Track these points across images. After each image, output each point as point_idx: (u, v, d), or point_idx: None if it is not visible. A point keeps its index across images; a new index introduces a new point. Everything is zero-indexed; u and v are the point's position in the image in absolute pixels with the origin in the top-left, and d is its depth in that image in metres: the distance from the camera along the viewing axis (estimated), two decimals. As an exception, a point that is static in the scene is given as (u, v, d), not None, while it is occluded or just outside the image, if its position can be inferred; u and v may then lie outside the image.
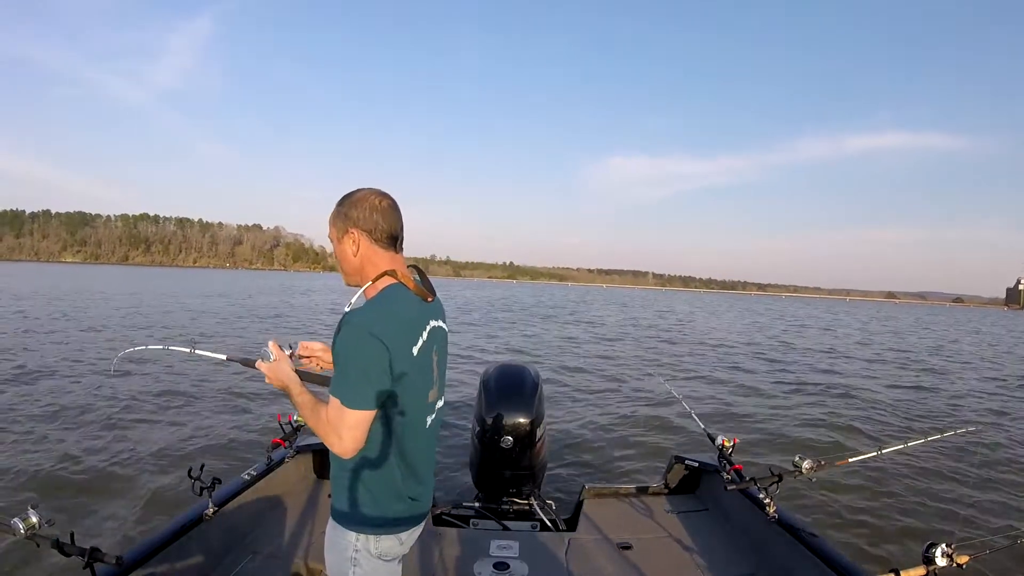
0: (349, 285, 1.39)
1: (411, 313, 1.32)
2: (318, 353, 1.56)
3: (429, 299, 1.38)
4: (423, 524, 1.49)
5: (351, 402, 1.23)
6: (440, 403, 1.45)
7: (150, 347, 1.97)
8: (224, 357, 1.78)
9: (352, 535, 1.35)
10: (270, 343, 1.44)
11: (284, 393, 1.39)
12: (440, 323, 1.44)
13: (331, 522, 1.41)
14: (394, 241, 1.35)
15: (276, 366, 1.40)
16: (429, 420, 1.39)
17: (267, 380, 1.42)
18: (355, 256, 1.34)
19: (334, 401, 1.25)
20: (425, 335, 1.33)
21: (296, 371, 1.42)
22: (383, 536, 1.36)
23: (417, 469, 1.38)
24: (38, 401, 6.33)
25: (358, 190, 1.36)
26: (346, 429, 1.24)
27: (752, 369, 11.92)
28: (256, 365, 1.45)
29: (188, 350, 1.88)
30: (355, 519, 1.35)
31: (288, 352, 1.47)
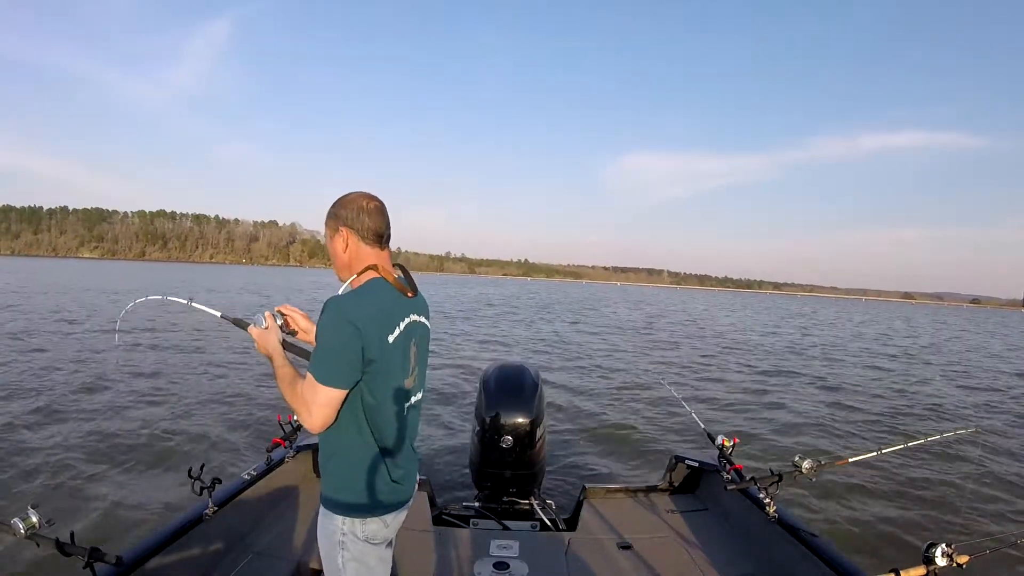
0: (341, 280, 1.48)
1: (389, 305, 1.41)
2: (296, 315, 1.64)
3: (410, 295, 1.47)
4: (407, 508, 1.55)
5: (324, 379, 1.32)
6: (419, 394, 1.54)
7: (150, 297, 1.92)
8: (219, 314, 1.79)
9: (339, 519, 1.42)
10: (266, 313, 1.54)
11: (267, 359, 1.49)
12: (421, 319, 1.52)
13: (321, 508, 1.47)
14: (379, 239, 1.46)
15: (266, 334, 1.50)
16: (407, 407, 1.48)
17: (256, 345, 1.51)
18: (344, 252, 1.45)
19: (310, 377, 1.35)
20: (402, 326, 1.42)
21: (283, 341, 1.52)
22: (368, 519, 1.43)
23: (396, 453, 1.46)
24: (38, 402, 6.33)
25: (349, 193, 1.48)
26: (316, 406, 1.33)
27: (753, 369, 11.92)
28: (248, 329, 1.55)
29: (186, 301, 1.89)
30: (341, 503, 1.42)
31: (280, 323, 1.55)
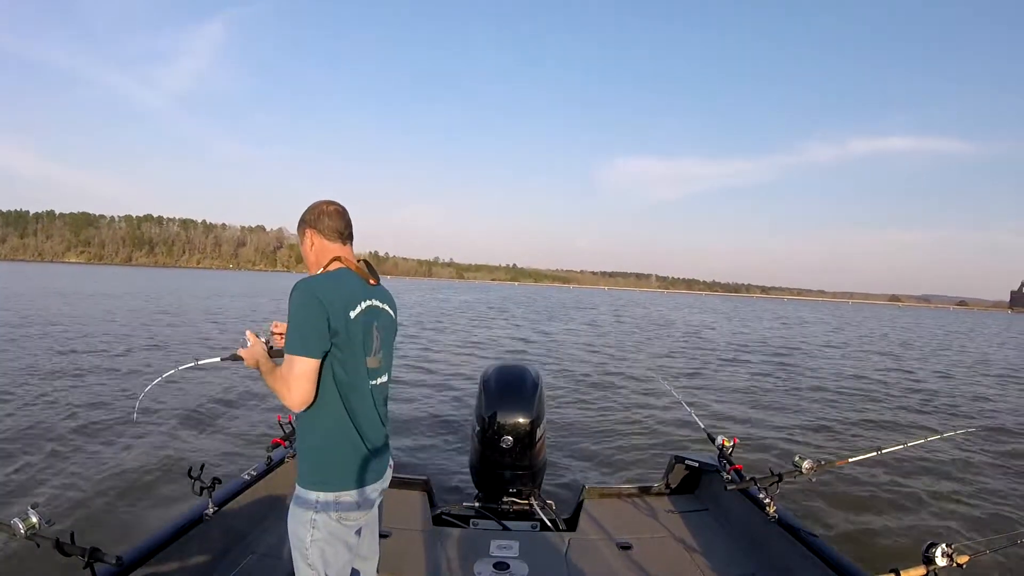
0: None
1: (351, 287, 1.56)
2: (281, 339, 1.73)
3: (372, 282, 1.64)
4: (381, 487, 1.63)
5: (295, 350, 1.44)
6: (385, 377, 1.66)
7: (164, 375, 2.05)
8: (219, 359, 1.89)
9: (313, 495, 1.50)
10: (247, 332, 1.64)
11: (258, 370, 1.57)
12: (384, 307, 1.67)
13: (295, 490, 1.54)
14: (340, 235, 1.64)
15: (251, 349, 1.60)
16: (372, 384, 1.59)
17: (246, 364, 1.60)
18: (311, 251, 1.64)
19: (286, 356, 1.47)
20: (363, 306, 1.56)
21: (268, 351, 1.62)
22: (343, 493, 1.51)
23: (367, 428, 1.56)
24: (39, 403, 6.33)
25: (313, 202, 1.67)
26: (293, 379, 1.44)
27: (752, 369, 11.93)
28: (239, 352, 1.65)
29: (192, 364, 2.01)
30: (316, 479, 1.51)
31: (263, 340, 1.66)
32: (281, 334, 1.72)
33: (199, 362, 1.99)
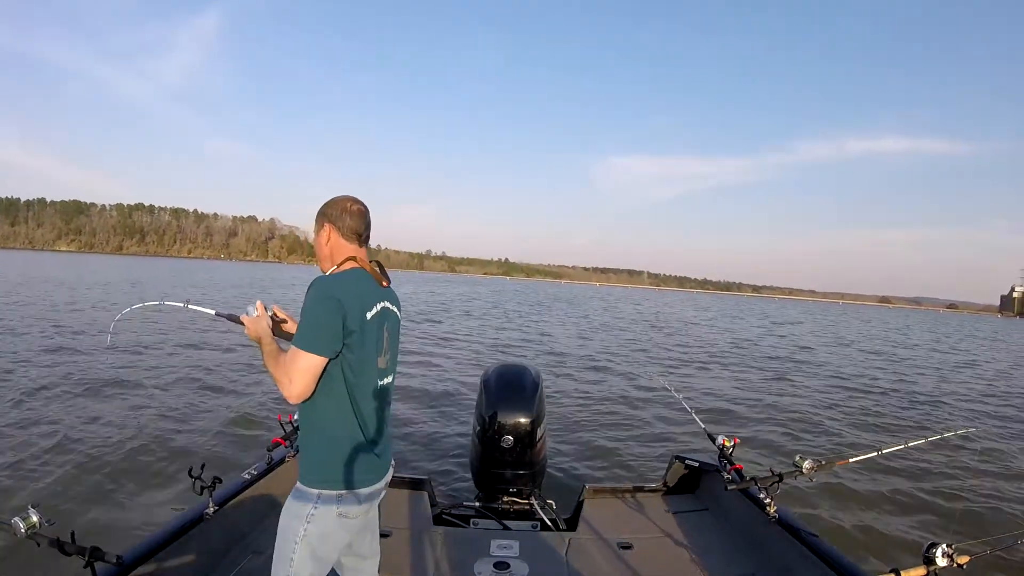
0: (323, 271, 1.62)
1: (367, 288, 1.57)
2: (288, 320, 1.74)
3: (384, 284, 1.65)
4: (382, 486, 1.63)
5: (304, 344, 1.44)
6: (391, 377, 1.67)
7: (146, 304, 1.96)
8: (213, 312, 1.84)
9: (315, 491, 1.50)
10: (257, 302, 1.65)
11: (257, 343, 1.57)
12: (393, 308, 1.68)
13: (295, 487, 1.55)
14: (358, 237, 1.63)
15: (256, 320, 1.60)
16: (379, 384, 1.60)
17: (246, 331, 1.60)
18: (326, 245, 1.62)
19: (292, 347, 1.47)
20: (377, 308, 1.58)
21: (271, 327, 1.62)
22: (345, 492, 1.51)
23: (373, 429, 1.57)
24: (36, 401, 6.33)
25: (337, 196, 1.66)
26: (296, 372, 1.44)
27: (752, 369, 11.92)
28: (241, 318, 1.64)
29: (183, 304, 1.91)
30: (319, 477, 1.51)
31: (269, 314, 1.66)
32: (283, 321, 1.72)
33: (189, 304, 1.89)
